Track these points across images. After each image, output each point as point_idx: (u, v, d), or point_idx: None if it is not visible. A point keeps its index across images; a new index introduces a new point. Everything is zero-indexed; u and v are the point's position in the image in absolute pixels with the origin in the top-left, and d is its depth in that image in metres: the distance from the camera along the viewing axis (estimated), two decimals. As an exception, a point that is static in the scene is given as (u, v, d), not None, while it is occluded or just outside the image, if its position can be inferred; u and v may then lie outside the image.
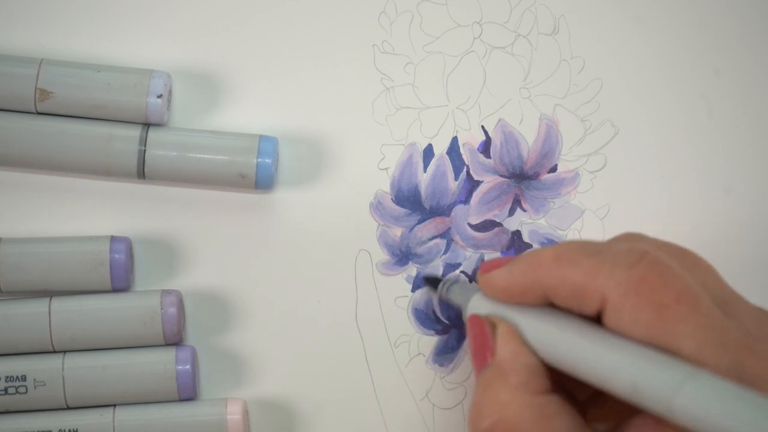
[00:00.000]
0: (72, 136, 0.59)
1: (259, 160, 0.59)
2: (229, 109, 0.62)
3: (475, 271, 0.62)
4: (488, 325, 0.52)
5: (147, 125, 0.60)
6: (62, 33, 0.62)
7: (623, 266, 0.48)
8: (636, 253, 0.48)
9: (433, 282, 0.60)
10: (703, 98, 0.63)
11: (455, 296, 0.57)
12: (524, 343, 0.50)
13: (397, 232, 0.62)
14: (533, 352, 0.50)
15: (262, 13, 0.62)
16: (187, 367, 0.59)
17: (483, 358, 0.51)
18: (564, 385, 0.51)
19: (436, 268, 0.62)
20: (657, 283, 0.47)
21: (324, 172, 0.62)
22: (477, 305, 0.53)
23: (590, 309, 0.48)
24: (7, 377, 0.59)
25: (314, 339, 0.61)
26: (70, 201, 0.61)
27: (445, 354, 0.62)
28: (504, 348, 0.50)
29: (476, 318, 0.52)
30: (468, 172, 0.62)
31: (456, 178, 0.62)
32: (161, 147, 0.59)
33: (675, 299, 0.47)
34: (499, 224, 0.62)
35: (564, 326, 0.49)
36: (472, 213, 0.62)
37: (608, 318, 0.48)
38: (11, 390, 0.59)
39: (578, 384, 0.50)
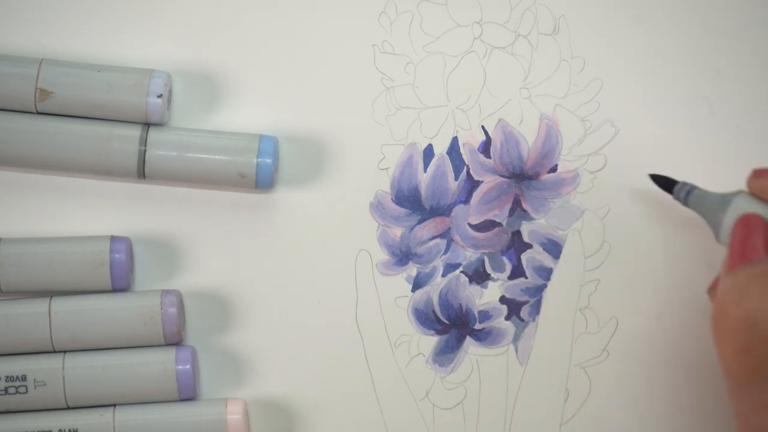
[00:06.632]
0: (72, 136, 0.59)
1: (259, 159, 0.59)
2: (229, 109, 0.62)
3: (475, 271, 0.62)
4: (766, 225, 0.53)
5: (147, 125, 0.60)
6: (62, 33, 0.62)
7: None
8: None
9: (664, 183, 0.59)
10: (703, 98, 0.63)
11: (699, 200, 0.57)
12: None
13: (397, 232, 0.62)
14: None
15: (262, 14, 0.62)
16: (187, 367, 0.59)
17: (751, 254, 0.52)
18: None
19: (436, 268, 0.62)
20: None
21: (324, 172, 0.62)
22: (743, 206, 0.54)
23: None
24: (7, 377, 0.59)
25: (314, 339, 0.61)
26: (70, 201, 0.61)
27: (445, 354, 0.62)
28: None
29: (758, 218, 0.53)
30: (468, 172, 0.62)
31: (456, 178, 0.62)
32: (161, 147, 0.59)
33: None
34: (499, 224, 0.62)
35: None
36: (472, 213, 0.62)
37: None
38: (11, 390, 0.59)
39: None
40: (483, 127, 0.62)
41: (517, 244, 0.62)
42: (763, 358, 0.50)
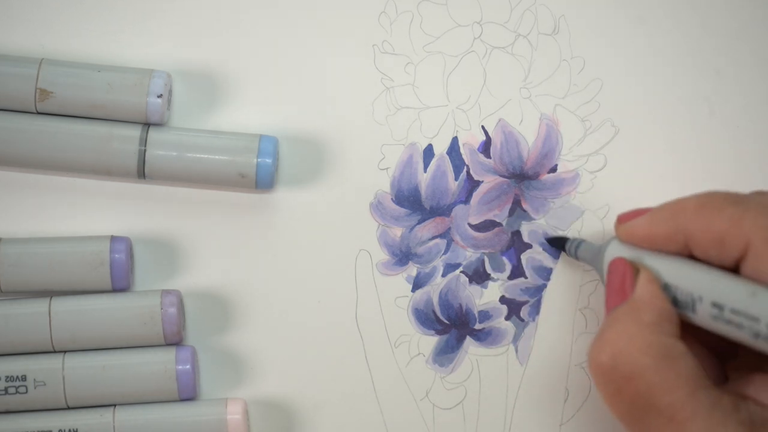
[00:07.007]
0: (72, 136, 0.59)
1: (259, 159, 0.59)
2: (229, 109, 0.62)
3: (475, 271, 0.62)
4: (631, 268, 0.53)
5: (147, 125, 0.60)
6: (62, 33, 0.62)
7: None
8: None
9: (557, 242, 0.61)
10: (703, 98, 0.63)
11: (585, 252, 0.58)
12: (662, 289, 0.52)
13: (397, 232, 0.62)
14: (669, 301, 0.52)
15: (262, 13, 0.62)
16: (187, 367, 0.59)
17: (620, 297, 0.53)
18: (702, 339, 0.52)
19: (436, 268, 0.62)
20: None
21: (324, 172, 0.62)
22: (614, 252, 0.55)
23: (730, 256, 0.50)
24: (7, 377, 0.59)
25: (314, 339, 0.61)
26: (70, 201, 0.61)
27: (445, 354, 0.62)
28: (643, 289, 0.52)
29: (622, 260, 0.54)
30: (468, 172, 0.62)
31: (456, 178, 0.62)
32: (161, 147, 0.59)
33: None
34: (499, 224, 0.62)
35: (703, 272, 0.50)
36: (472, 213, 0.62)
37: (748, 264, 0.49)
38: (11, 390, 0.59)
39: (714, 337, 0.52)
40: (483, 127, 0.62)
41: (517, 244, 0.62)
42: (634, 397, 0.50)
